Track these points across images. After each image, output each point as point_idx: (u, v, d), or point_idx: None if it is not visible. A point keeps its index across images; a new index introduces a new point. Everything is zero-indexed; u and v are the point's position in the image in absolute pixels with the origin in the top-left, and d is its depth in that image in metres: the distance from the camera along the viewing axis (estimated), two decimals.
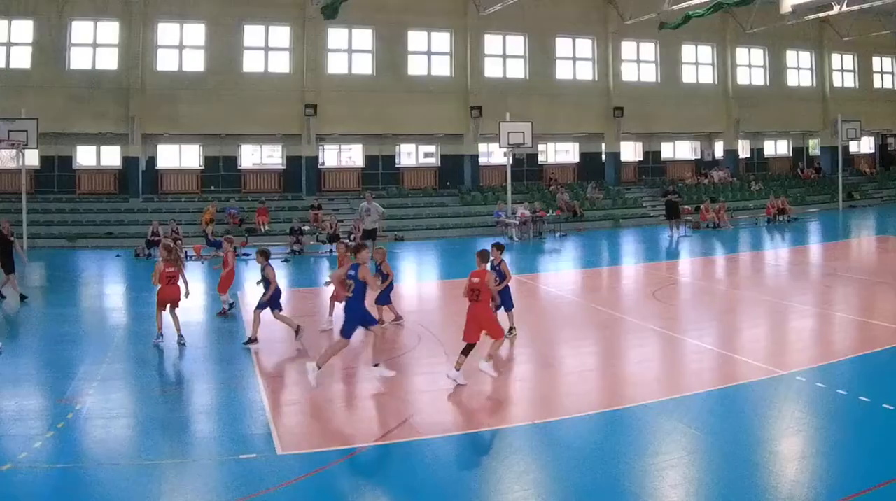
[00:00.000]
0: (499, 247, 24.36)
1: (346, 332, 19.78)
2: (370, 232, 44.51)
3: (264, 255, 25.17)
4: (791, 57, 75.45)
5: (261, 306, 24.51)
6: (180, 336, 23.89)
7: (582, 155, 68.52)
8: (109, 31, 56.34)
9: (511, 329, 24.59)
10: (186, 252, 44.34)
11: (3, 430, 16.67)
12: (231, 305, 29.36)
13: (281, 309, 25.05)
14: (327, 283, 25.98)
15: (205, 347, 24.51)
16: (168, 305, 24.03)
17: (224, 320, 27.95)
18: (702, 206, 57.21)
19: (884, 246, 48.30)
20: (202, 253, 43.74)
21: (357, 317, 19.73)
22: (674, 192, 55.41)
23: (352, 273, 19.49)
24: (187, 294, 24.78)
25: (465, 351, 19.55)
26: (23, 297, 31.43)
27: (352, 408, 18.66)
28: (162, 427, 16.96)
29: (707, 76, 70.69)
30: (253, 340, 23.72)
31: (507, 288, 24.44)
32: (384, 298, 26.01)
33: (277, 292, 24.75)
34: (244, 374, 20.96)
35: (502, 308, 23.98)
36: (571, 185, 64.43)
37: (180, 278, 24.40)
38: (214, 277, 32.65)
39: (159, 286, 24.02)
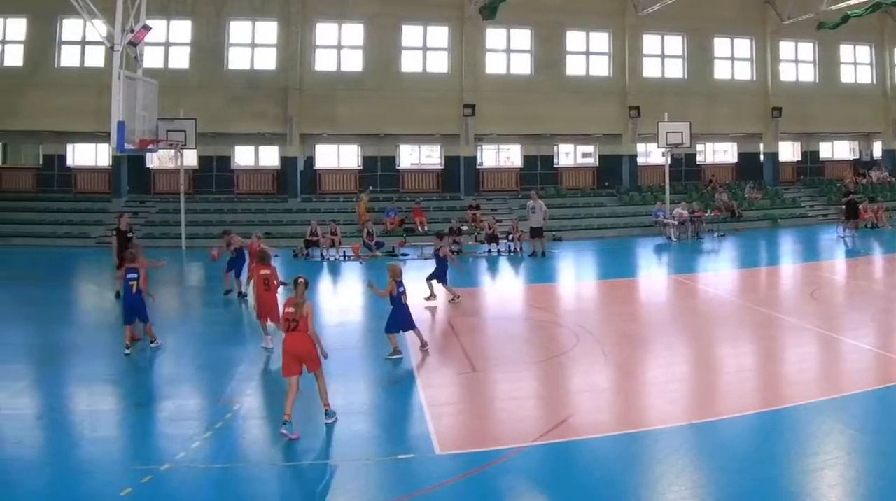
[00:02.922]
0: (440, 236, 30.82)
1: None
2: (536, 229, 44.65)
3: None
4: None
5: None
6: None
7: (740, 155, 67.41)
8: (267, 31, 57.25)
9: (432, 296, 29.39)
10: (345, 252, 44.75)
11: (161, 430, 17.18)
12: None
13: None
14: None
15: (360, 348, 24.66)
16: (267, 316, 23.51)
17: (382, 320, 28.06)
18: (860, 206, 56.13)
19: None
20: (360, 253, 44.00)
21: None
22: (855, 193, 54.51)
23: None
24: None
25: None
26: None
27: (510, 408, 18.57)
28: (319, 427, 17.20)
29: (865, 76, 68.81)
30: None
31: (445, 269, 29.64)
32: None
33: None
34: (402, 375, 21.11)
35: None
36: (730, 185, 63.58)
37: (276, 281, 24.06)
38: (374, 277, 32.88)
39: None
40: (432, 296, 30.26)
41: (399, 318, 22.65)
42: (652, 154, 63.10)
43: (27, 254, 46.94)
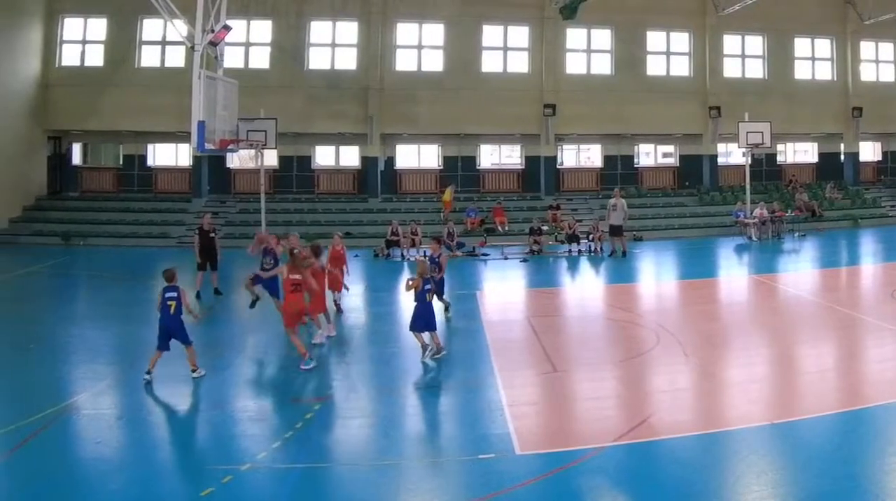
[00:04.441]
0: (437, 241, 28.05)
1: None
2: (615, 228, 44.65)
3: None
4: None
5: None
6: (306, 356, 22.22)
7: (820, 155, 66.65)
8: (348, 30, 57.67)
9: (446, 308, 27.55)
10: (425, 252, 44.85)
11: (242, 430, 17.42)
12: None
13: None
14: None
15: (443, 347, 24.74)
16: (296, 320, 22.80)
17: (463, 320, 28.18)
18: None
19: None
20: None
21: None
22: None
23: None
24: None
25: None
26: (218, 292, 32.44)
27: (590, 408, 18.73)
28: (400, 427, 17.49)
29: None
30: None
31: (441, 279, 26.87)
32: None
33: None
34: (482, 374, 21.13)
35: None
36: (810, 185, 63.05)
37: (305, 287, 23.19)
38: (455, 276, 33.10)
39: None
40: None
41: (422, 317, 22.74)
42: (732, 154, 62.71)
43: (108, 254, 47.65)
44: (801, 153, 67.57)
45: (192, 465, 15.67)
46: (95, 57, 55.93)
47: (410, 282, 22.86)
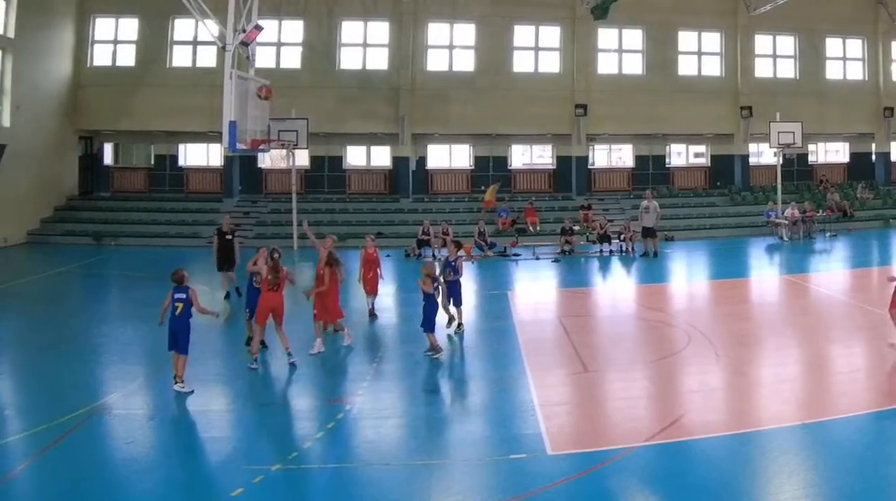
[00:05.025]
0: (457, 245, 26.68)
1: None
2: (648, 229, 44.73)
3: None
4: None
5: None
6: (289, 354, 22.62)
7: (852, 155, 66.45)
8: (379, 31, 57.99)
9: (459, 324, 25.92)
10: (435, 252, 44.96)
11: (273, 430, 17.64)
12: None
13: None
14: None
15: (474, 347, 24.88)
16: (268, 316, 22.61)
17: (495, 320, 28.21)
18: None
19: None
20: (472, 253, 44.23)
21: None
22: None
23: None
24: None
25: None
26: (238, 292, 31.61)
27: (622, 408, 18.73)
28: (431, 427, 17.64)
29: None
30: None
31: (457, 282, 25.56)
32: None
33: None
34: (514, 374, 21.16)
35: (452, 301, 25.46)
36: (841, 185, 62.83)
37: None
38: (486, 277, 33.13)
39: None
40: (452, 320, 26.64)
41: (430, 316, 22.87)
42: (764, 154, 62.63)
43: (139, 255, 47.83)
44: (832, 153, 67.31)
45: (223, 465, 15.76)
46: (127, 57, 56.50)
47: (422, 286, 23.09)
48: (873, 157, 64.95)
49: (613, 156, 64.09)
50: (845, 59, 63.07)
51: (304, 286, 26.29)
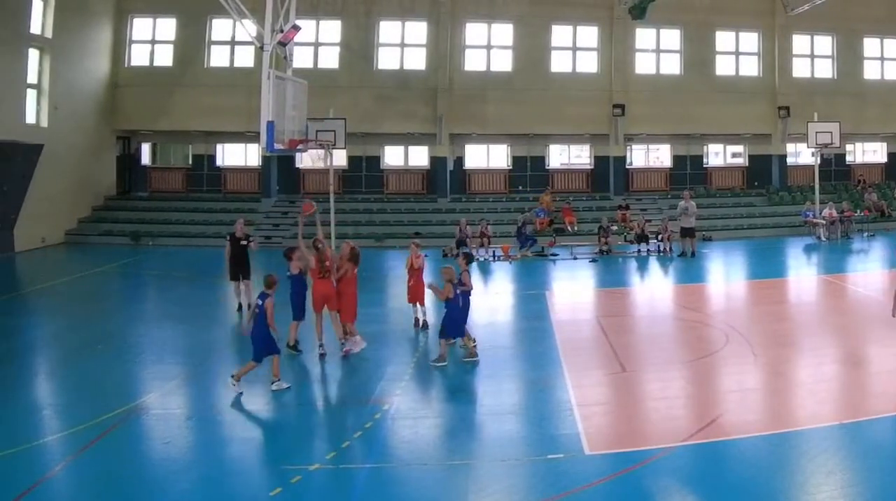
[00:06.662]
0: (466, 258, 25.19)
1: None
2: (687, 230, 44.75)
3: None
4: None
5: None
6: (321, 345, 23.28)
7: (890, 155, 66.00)
8: (417, 31, 58.15)
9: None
10: (494, 251, 45.00)
11: (311, 430, 17.86)
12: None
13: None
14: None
15: (512, 347, 25.05)
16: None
17: (532, 320, 28.27)
18: None
19: None
20: (510, 252, 44.25)
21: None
22: None
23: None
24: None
25: None
26: (249, 306, 30.62)
27: (659, 408, 18.77)
28: (469, 427, 17.74)
29: None
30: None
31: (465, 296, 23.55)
32: None
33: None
34: (551, 374, 21.20)
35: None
36: (879, 185, 62.52)
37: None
38: (524, 276, 33.13)
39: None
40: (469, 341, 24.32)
41: (455, 322, 22.42)
42: (801, 154, 62.35)
43: (177, 254, 48.23)
44: (869, 153, 66.94)
45: (261, 465, 15.97)
46: (164, 57, 56.91)
47: (440, 293, 22.70)
48: None
49: (651, 156, 63.96)
50: (883, 59, 62.67)
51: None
